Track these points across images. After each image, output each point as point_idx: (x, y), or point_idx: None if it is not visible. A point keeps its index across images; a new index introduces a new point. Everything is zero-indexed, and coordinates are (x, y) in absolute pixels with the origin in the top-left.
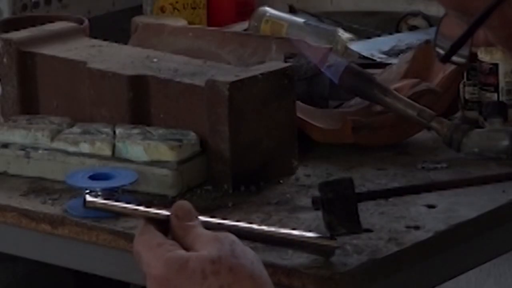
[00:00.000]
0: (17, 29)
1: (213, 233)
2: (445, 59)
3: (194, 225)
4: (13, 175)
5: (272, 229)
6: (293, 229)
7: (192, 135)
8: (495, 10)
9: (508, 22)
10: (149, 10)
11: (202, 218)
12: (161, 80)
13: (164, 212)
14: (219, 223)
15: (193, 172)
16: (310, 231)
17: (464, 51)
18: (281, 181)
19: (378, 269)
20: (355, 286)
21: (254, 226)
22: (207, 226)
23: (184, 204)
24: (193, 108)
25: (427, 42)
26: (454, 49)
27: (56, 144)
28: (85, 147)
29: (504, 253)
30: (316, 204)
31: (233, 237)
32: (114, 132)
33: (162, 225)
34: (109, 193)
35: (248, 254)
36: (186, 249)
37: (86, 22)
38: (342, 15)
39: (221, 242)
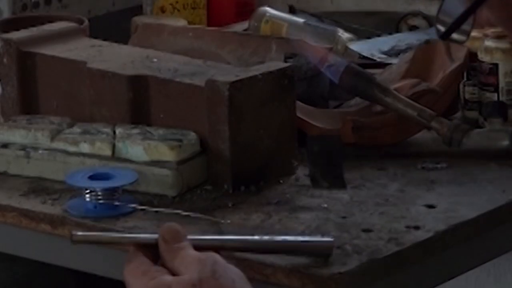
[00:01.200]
0: (17, 29)
1: (197, 255)
2: (446, 35)
3: (182, 247)
4: (13, 175)
5: (266, 237)
6: (287, 234)
7: (192, 135)
8: None
9: (507, 3)
10: (149, 10)
11: (192, 236)
12: (161, 80)
13: (153, 236)
14: (211, 239)
15: (193, 172)
16: (305, 233)
17: (466, 28)
18: (281, 181)
19: (378, 269)
20: (355, 286)
21: (248, 237)
22: (198, 244)
23: (171, 226)
24: (193, 108)
25: (427, 42)
26: (454, 26)
27: (56, 144)
28: (85, 147)
29: (504, 253)
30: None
31: (215, 257)
32: (114, 132)
33: (153, 249)
34: (109, 193)
35: (229, 273)
36: (174, 272)
37: (86, 22)
38: (342, 15)
39: (202, 263)
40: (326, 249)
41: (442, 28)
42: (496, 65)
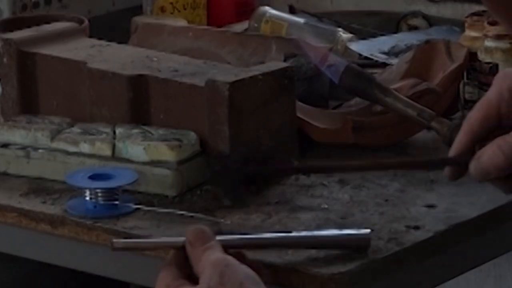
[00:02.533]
0: (17, 29)
1: (211, 259)
2: None
3: (206, 249)
4: (13, 175)
5: (303, 233)
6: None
7: (192, 135)
8: None
9: None
10: (149, 10)
11: (223, 237)
12: (161, 80)
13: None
14: (241, 238)
15: (193, 172)
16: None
17: None
18: (281, 181)
19: (378, 269)
20: (355, 286)
21: (285, 234)
22: (228, 243)
23: (195, 228)
24: (193, 108)
25: (427, 42)
26: None
27: (56, 144)
28: (85, 147)
29: (504, 253)
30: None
31: (227, 260)
32: (114, 132)
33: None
34: (109, 193)
35: (238, 276)
36: (199, 276)
37: (86, 22)
38: (342, 15)
39: (213, 269)
40: (363, 241)
41: None
42: (496, 65)
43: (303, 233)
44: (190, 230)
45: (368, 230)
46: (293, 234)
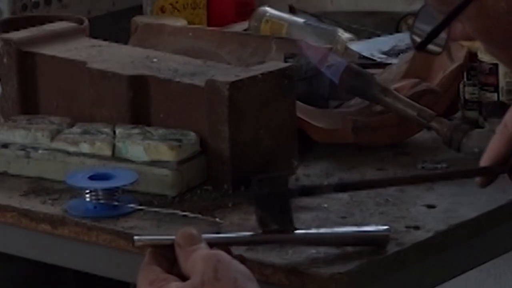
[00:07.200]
0: (17, 29)
1: (201, 256)
2: (421, 47)
3: (194, 249)
4: (13, 175)
5: (323, 230)
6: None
7: (192, 135)
8: (473, 0)
9: (485, 13)
10: (149, 10)
11: (209, 235)
12: (161, 80)
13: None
14: (228, 237)
15: (193, 172)
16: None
17: (441, 40)
18: None
19: (378, 269)
20: (355, 286)
21: (309, 231)
22: (214, 241)
23: (185, 231)
24: (193, 108)
25: None
26: (430, 37)
27: (56, 144)
28: (85, 147)
29: (504, 253)
30: (251, 199)
31: (219, 256)
32: (114, 132)
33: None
34: (109, 193)
35: (232, 272)
36: (186, 275)
37: (86, 22)
38: (342, 15)
39: (206, 264)
40: (382, 238)
41: (417, 39)
42: (496, 65)
43: (323, 230)
44: (179, 232)
45: (386, 227)
46: (315, 231)
